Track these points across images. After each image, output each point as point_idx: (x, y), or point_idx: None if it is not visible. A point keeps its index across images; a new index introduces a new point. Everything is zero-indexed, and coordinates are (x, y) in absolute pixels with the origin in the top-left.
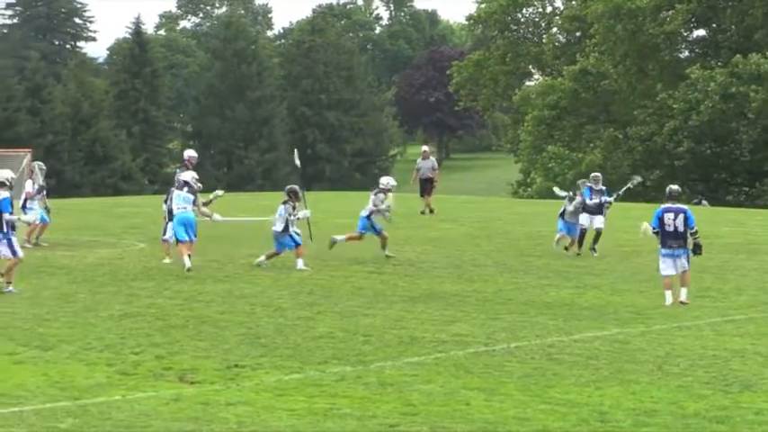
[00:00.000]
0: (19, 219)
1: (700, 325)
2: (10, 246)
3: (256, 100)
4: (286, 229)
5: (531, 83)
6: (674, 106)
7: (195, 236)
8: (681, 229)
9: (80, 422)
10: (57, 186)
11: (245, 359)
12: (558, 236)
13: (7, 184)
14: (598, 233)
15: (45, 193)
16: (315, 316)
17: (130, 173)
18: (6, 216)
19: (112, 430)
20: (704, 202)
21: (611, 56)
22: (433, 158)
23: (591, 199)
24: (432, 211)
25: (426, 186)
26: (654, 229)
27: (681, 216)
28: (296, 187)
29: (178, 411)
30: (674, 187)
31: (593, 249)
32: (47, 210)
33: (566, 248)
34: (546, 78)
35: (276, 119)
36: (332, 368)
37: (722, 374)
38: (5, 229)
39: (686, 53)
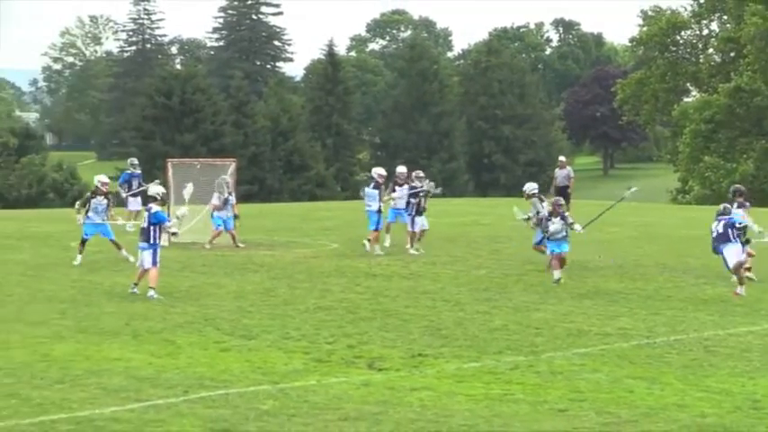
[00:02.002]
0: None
1: None
2: (154, 255)
3: (438, 115)
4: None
5: (689, 99)
6: None
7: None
8: None
9: (279, 404)
10: (258, 192)
11: (428, 349)
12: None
13: (158, 198)
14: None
15: (232, 203)
16: (491, 310)
17: (324, 180)
18: (165, 225)
19: (309, 411)
20: None
21: (763, 74)
22: (569, 168)
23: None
24: None
25: (562, 194)
26: None
27: None
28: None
29: (367, 395)
30: None
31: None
32: (235, 217)
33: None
34: (703, 95)
35: (455, 132)
36: (506, 358)
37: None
38: (155, 240)
39: None
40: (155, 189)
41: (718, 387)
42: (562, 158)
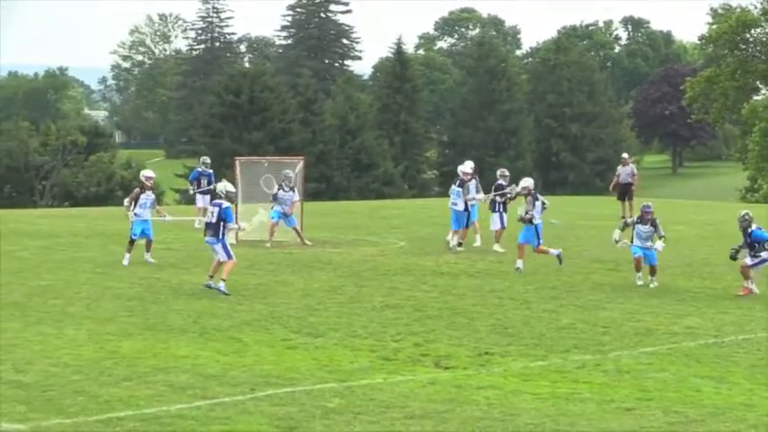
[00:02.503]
0: (239, 227)
1: None
2: (226, 248)
3: (506, 113)
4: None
5: (759, 97)
6: None
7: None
8: None
9: (346, 402)
10: (326, 190)
11: (495, 347)
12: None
13: (223, 195)
14: None
15: (293, 199)
16: (558, 309)
17: (392, 178)
18: (229, 225)
19: (375, 409)
20: None
21: None
22: (632, 165)
23: None
24: (632, 217)
25: (626, 191)
26: None
27: None
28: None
29: (434, 393)
30: None
31: None
32: (285, 215)
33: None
34: None
35: (523, 130)
36: (573, 356)
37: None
38: (222, 235)
39: None
40: (222, 186)
41: None
42: (625, 155)
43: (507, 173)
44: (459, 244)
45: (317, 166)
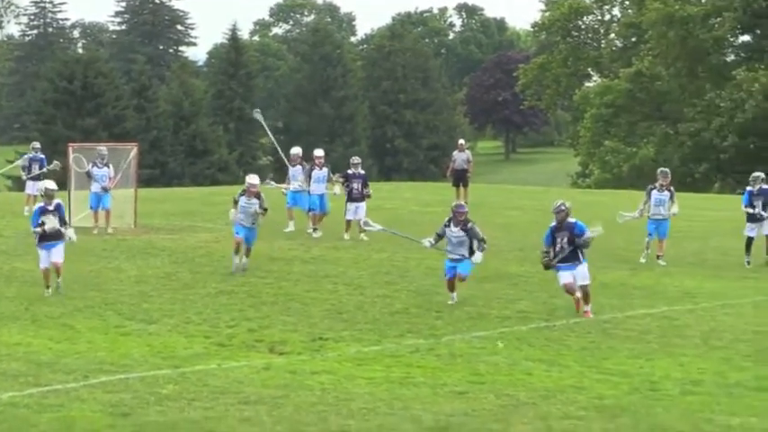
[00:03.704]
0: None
1: (743, 303)
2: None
3: (340, 99)
4: None
5: (590, 84)
6: (721, 105)
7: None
8: None
9: (180, 388)
10: (160, 177)
11: (329, 332)
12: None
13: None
14: None
15: (110, 175)
16: (392, 294)
17: (227, 165)
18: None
19: (209, 395)
20: None
21: (663, 59)
22: (468, 151)
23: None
24: (465, 203)
25: (461, 177)
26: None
27: None
28: None
29: (268, 379)
30: None
31: None
32: (105, 190)
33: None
34: (604, 80)
35: (358, 116)
36: (407, 341)
37: (763, 348)
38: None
39: (733, 57)
40: (41, 185)
41: (616, 369)
42: (461, 142)
43: (358, 160)
44: (315, 229)
45: (152, 152)
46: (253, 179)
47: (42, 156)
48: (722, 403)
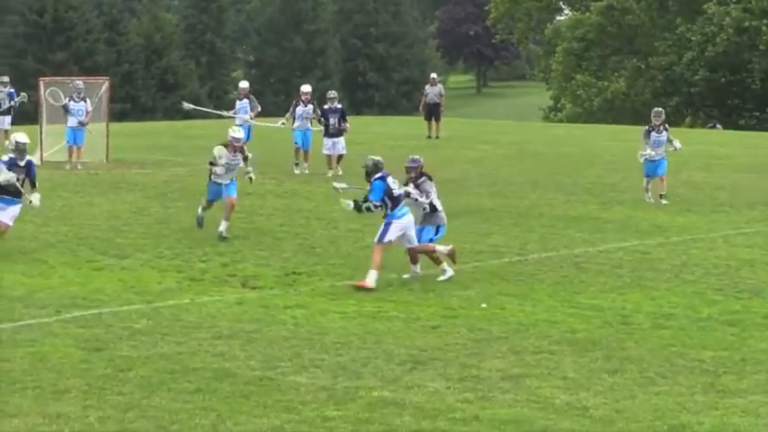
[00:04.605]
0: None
1: (713, 237)
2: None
3: (312, 33)
4: None
5: (562, 17)
6: (692, 39)
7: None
8: None
9: (153, 323)
10: (132, 111)
11: (301, 267)
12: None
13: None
14: None
15: (88, 109)
16: (364, 228)
17: (198, 99)
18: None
19: (182, 330)
20: (718, 126)
21: None
22: (440, 85)
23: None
24: (438, 137)
25: (434, 111)
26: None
27: None
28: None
29: (241, 313)
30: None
31: None
32: (81, 124)
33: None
34: (575, 13)
35: (330, 50)
36: (381, 275)
37: (734, 282)
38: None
39: None
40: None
41: (588, 303)
42: (434, 76)
43: (335, 94)
44: (297, 164)
45: (123, 86)
46: (237, 133)
47: (12, 90)
48: (693, 337)
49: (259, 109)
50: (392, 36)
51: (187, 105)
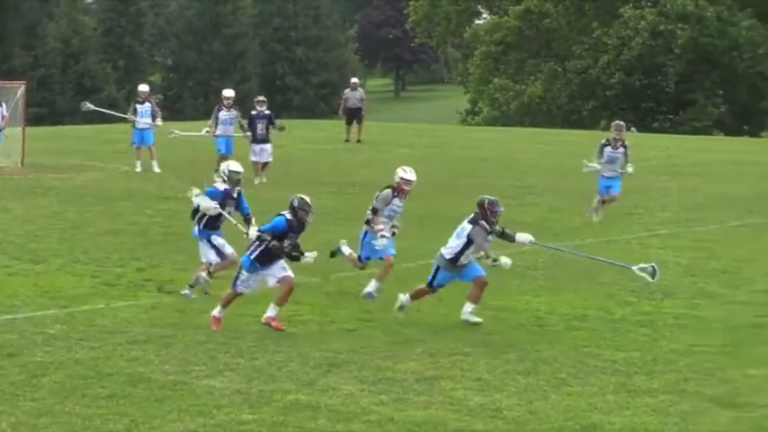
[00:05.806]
0: None
1: (627, 239)
2: None
3: (231, 36)
4: None
5: (481, 21)
6: (608, 42)
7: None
8: None
9: (67, 328)
10: (49, 115)
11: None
12: None
13: None
14: None
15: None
16: None
17: (116, 103)
18: None
19: (97, 335)
20: (633, 128)
21: None
22: (360, 90)
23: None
24: (359, 141)
25: (355, 115)
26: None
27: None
28: None
29: (157, 318)
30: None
31: None
32: None
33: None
34: (493, 17)
35: (249, 53)
36: (297, 278)
37: (639, 283)
38: None
39: None
40: None
41: (503, 305)
42: (354, 80)
43: (263, 98)
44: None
45: (39, 90)
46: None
47: None
48: (606, 338)
49: (159, 113)
50: (312, 39)
51: (87, 106)
